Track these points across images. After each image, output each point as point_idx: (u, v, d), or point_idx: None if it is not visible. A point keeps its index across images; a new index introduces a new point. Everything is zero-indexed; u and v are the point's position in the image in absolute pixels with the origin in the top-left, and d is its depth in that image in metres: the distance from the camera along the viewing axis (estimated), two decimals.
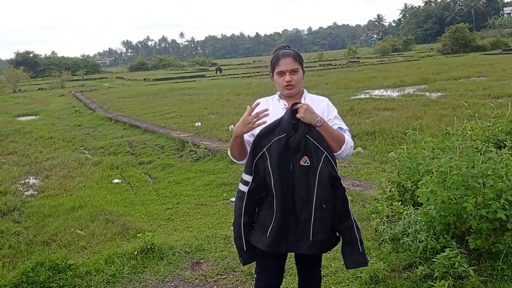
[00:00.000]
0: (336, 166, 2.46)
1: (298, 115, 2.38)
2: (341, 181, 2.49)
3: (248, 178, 2.46)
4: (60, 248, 5.06)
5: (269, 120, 2.46)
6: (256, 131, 2.47)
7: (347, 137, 2.49)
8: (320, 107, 2.55)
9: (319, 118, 2.39)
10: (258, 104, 2.53)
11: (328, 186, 2.41)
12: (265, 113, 2.42)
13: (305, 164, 2.40)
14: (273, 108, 2.55)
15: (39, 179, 8.55)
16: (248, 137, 2.54)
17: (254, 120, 2.40)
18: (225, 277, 3.92)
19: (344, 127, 2.55)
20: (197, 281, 3.90)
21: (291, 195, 2.40)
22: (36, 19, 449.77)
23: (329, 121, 2.50)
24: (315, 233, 2.41)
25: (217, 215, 5.82)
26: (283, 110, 2.51)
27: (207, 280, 3.90)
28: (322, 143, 2.41)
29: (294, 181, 2.40)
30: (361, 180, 6.38)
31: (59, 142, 12.56)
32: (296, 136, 2.38)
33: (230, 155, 2.65)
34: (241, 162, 2.61)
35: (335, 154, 2.46)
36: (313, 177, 2.39)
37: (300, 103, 2.44)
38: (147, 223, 5.78)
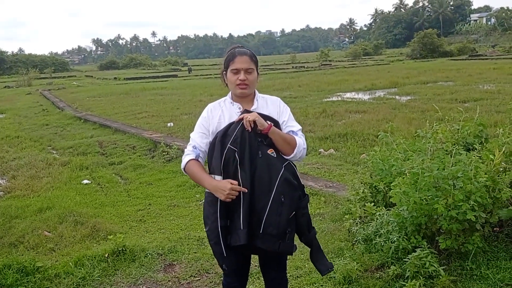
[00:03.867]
0: (297, 172, 2.50)
1: (247, 129, 2.37)
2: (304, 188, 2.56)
3: (218, 178, 2.39)
4: (28, 250, 4.90)
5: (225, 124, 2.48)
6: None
7: (299, 139, 2.50)
8: (274, 109, 2.57)
9: (265, 125, 2.39)
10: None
11: (290, 187, 2.40)
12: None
13: (272, 155, 2.40)
14: (227, 112, 2.53)
15: (5, 179, 8.28)
16: (205, 147, 2.52)
17: (229, 196, 2.31)
18: (199, 279, 3.88)
19: (297, 128, 2.56)
20: (170, 283, 3.84)
21: (252, 181, 2.35)
22: (1, 15, 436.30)
23: (283, 123, 2.53)
24: (266, 226, 2.33)
25: (190, 217, 5.76)
26: (238, 113, 2.49)
27: (180, 282, 3.85)
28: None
29: (257, 166, 2.36)
30: (333, 181, 6.43)
31: (26, 141, 12.21)
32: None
33: (185, 172, 2.53)
34: None
35: (287, 157, 2.47)
36: (276, 171, 2.37)
37: (249, 111, 2.45)
38: (118, 224, 5.67)
